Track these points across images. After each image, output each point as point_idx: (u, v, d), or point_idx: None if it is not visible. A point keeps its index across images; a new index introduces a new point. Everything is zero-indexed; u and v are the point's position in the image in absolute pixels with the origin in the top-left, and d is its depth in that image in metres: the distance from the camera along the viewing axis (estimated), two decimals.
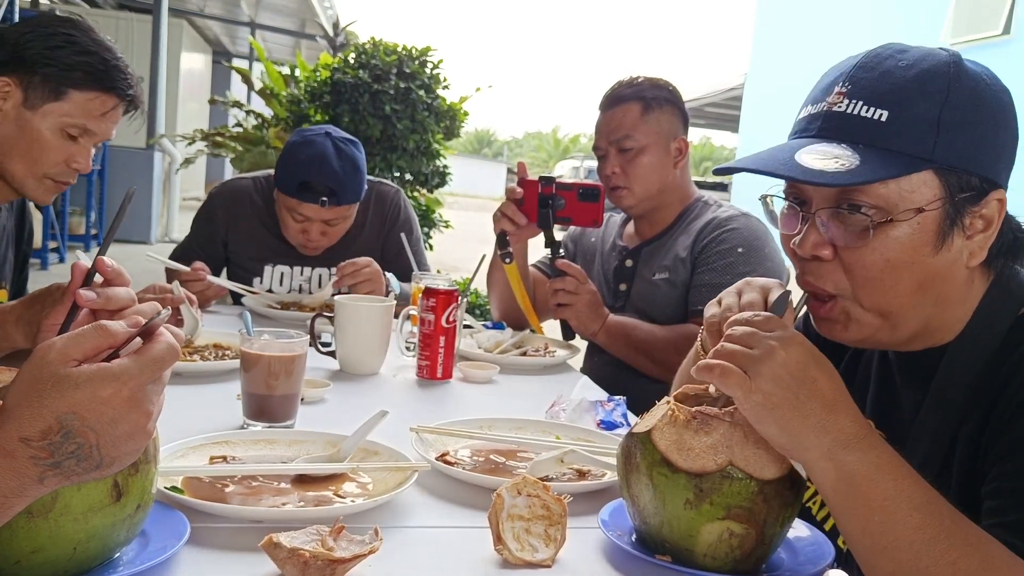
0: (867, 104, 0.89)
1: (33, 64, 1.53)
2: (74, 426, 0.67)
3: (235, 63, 14.21)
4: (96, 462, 0.69)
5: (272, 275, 2.38)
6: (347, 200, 2.22)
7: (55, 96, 1.55)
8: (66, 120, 1.57)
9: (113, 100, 1.61)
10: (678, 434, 0.90)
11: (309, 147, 2.19)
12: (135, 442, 0.71)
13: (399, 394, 1.65)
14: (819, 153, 0.89)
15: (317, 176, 2.16)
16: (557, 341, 2.08)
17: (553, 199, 1.97)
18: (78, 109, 1.57)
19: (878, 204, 0.89)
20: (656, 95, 2.06)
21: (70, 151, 1.59)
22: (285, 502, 1.02)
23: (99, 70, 1.58)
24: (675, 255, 2.04)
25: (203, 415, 1.36)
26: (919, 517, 0.80)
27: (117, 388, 0.68)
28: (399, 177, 5.07)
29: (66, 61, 1.55)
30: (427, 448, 1.23)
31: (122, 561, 0.84)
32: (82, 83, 1.56)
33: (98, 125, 1.61)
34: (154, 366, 0.71)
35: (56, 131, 1.57)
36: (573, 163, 29.75)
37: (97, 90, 1.58)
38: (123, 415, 0.69)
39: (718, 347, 0.89)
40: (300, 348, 1.35)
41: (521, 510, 0.94)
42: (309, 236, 2.26)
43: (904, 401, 1.02)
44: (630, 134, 2.03)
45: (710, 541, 0.88)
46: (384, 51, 5.04)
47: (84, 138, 1.60)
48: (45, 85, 1.54)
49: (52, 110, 1.55)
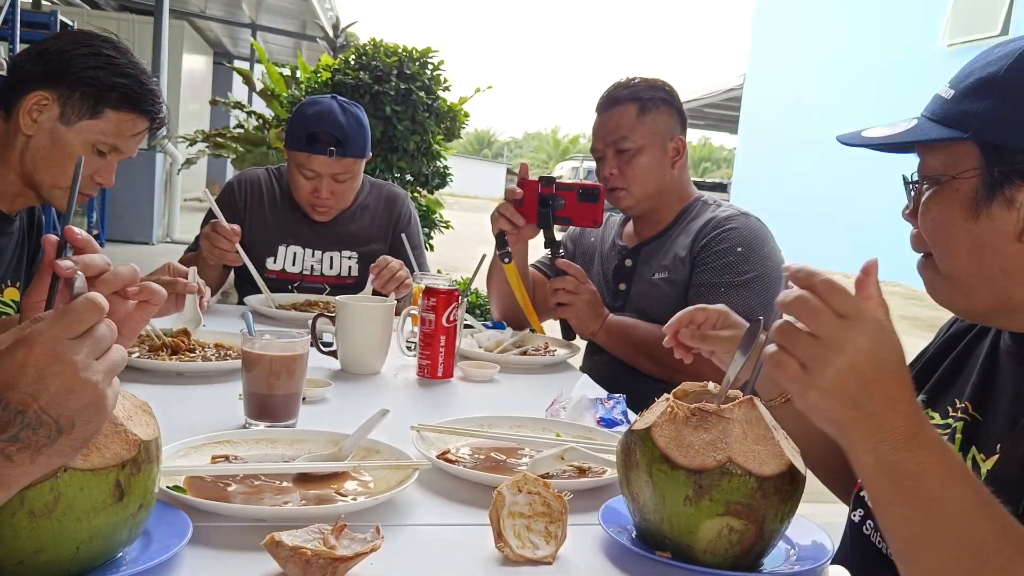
0: (948, 86, 0.98)
1: (73, 81, 1.59)
2: (9, 397, 0.67)
3: (236, 64, 14.21)
4: (54, 427, 0.69)
5: (285, 255, 2.45)
6: (353, 152, 2.33)
7: (91, 114, 1.61)
8: (99, 138, 1.63)
9: (145, 122, 1.68)
10: (677, 431, 0.90)
11: (316, 105, 2.35)
12: (78, 397, 0.70)
13: (400, 393, 1.65)
14: (899, 124, 0.99)
15: (324, 127, 2.29)
16: (557, 340, 2.09)
17: (553, 199, 1.97)
18: (112, 128, 1.64)
19: (927, 172, 0.97)
20: (652, 96, 2.06)
21: (97, 166, 1.66)
22: (287, 501, 1.03)
23: (136, 93, 1.64)
24: (674, 255, 2.05)
25: (205, 415, 1.37)
26: (966, 521, 0.78)
27: (28, 347, 0.68)
28: (400, 178, 5.07)
29: (105, 82, 1.61)
30: (428, 446, 1.23)
31: (125, 560, 0.84)
32: (119, 104, 1.63)
33: (127, 144, 1.68)
34: (66, 319, 0.70)
35: (87, 147, 1.63)
36: (573, 163, 29.73)
37: (132, 112, 1.65)
38: (44, 371, 0.68)
39: (780, 324, 0.81)
40: (301, 348, 1.35)
41: (522, 507, 0.94)
42: (319, 194, 2.35)
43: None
44: (627, 135, 2.04)
45: (710, 537, 0.89)
46: (384, 52, 5.04)
47: (112, 155, 1.67)
48: (83, 103, 1.60)
49: (87, 127, 1.61)
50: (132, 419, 0.81)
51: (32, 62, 1.61)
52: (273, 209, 2.48)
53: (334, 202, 2.39)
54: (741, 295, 1.92)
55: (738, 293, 1.92)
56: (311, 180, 2.35)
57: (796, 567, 0.94)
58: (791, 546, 0.99)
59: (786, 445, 0.92)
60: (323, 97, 2.40)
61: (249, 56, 14.75)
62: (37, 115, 1.58)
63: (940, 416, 1.08)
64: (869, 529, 1.07)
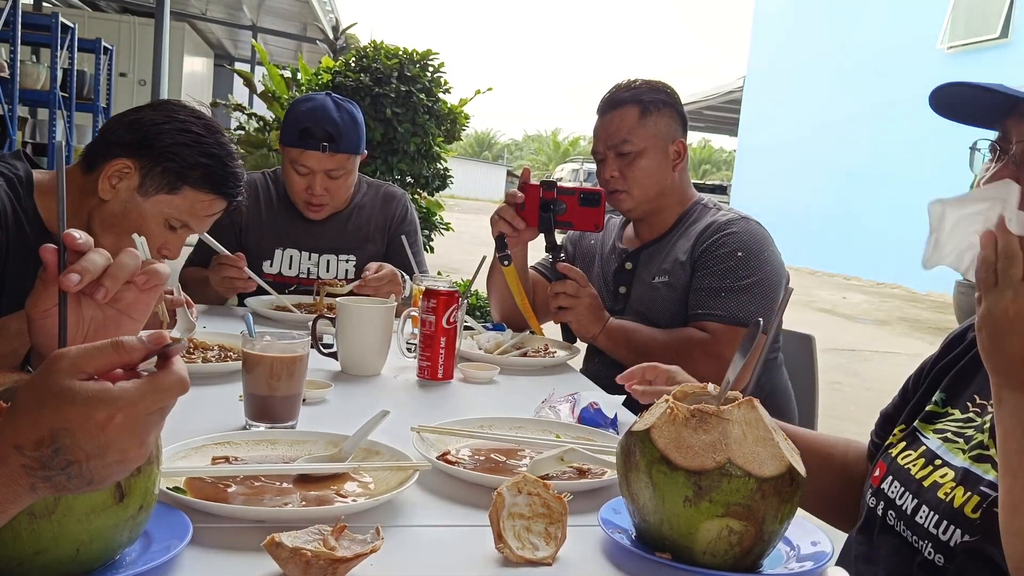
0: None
1: (159, 155, 1.59)
2: (65, 443, 0.65)
3: (237, 66, 14.23)
4: (87, 480, 0.67)
5: (282, 258, 2.45)
6: (346, 148, 2.32)
7: (169, 189, 1.61)
8: (173, 213, 1.63)
9: (222, 203, 1.69)
10: (677, 432, 0.90)
11: (309, 101, 2.37)
12: (125, 467, 0.69)
13: (400, 395, 1.65)
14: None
15: (317, 122, 2.29)
16: (557, 342, 2.09)
17: (554, 203, 1.97)
18: (187, 205, 1.64)
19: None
20: (654, 98, 2.06)
21: (165, 239, 1.66)
22: (287, 502, 1.03)
23: (218, 175, 1.65)
24: (675, 259, 2.04)
25: (205, 416, 1.37)
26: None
27: (111, 413, 0.65)
28: (400, 180, 5.08)
29: (190, 160, 1.61)
30: (428, 448, 1.23)
31: (125, 561, 0.84)
32: (198, 183, 1.63)
33: (199, 223, 1.69)
34: (156, 396, 0.68)
35: (160, 220, 1.63)
36: (573, 166, 29.79)
37: (210, 192, 1.65)
38: (114, 442, 0.66)
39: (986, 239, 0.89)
40: (302, 349, 1.35)
41: (522, 508, 0.94)
42: (313, 191, 2.35)
43: None
44: (628, 138, 2.03)
45: (709, 538, 0.89)
46: (385, 54, 5.04)
47: (182, 231, 1.67)
48: (164, 177, 1.60)
49: (163, 201, 1.62)
50: None
51: (123, 129, 1.61)
52: (269, 212, 2.47)
53: (328, 199, 2.39)
54: (742, 300, 1.92)
55: (739, 298, 1.92)
56: (305, 176, 2.35)
57: (796, 568, 0.94)
58: (791, 547, 0.99)
59: (786, 447, 0.92)
60: (317, 94, 2.40)
61: (250, 58, 14.76)
62: (117, 182, 1.58)
63: (960, 411, 1.11)
64: (892, 519, 1.09)
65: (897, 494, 1.09)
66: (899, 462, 1.12)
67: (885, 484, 1.11)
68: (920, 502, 1.05)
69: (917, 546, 1.03)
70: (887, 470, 1.13)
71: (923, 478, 1.07)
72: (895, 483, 1.10)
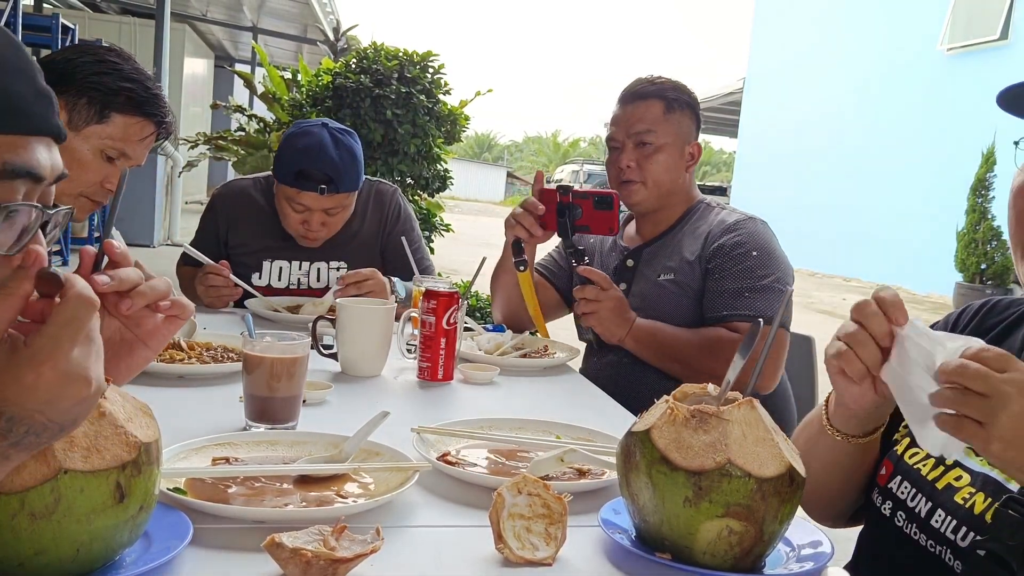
0: None
1: (80, 88, 1.62)
2: (13, 412, 0.64)
3: (237, 68, 14.26)
4: (56, 429, 0.67)
5: (271, 270, 2.40)
6: (345, 188, 2.25)
7: (98, 119, 1.64)
8: (107, 143, 1.66)
9: (151, 127, 1.71)
10: (677, 432, 0.90)
11: (306, 137, 2.23)
12: (85, 405, 0.67)
13: (400, 395, 1.66)
14: None
15: (314, 164, 2.20)
16: (557, 343, 2.09)
17: (571, 208, 1.96)
18: (119, 132, 1.67)
19: None
20: (677, 97, 2.07)
21: (106, 172, 1.68)
22: (287, 503, 1.03)
23: (141, 97, 1.67)
24: (681, 257, 2.04)
25: (206, 417, 1.37)
26: None
27: (36, 370, 0.63)
28: (400, 181, 5.08)
29: (111, 86, 1.64)
30: (428, 448, 1.23)
31: (125, 562, 0.84)
32: (125, 108, 1.66)
33: (134, 149, 1.70)
34: (69, 332, 0.64)
35: (96, 152, 1.65)
36: (573, 167, 29.78)
37: (138, 116, 1.68)
38: (56, 390, 0.64)
39: (946, 391, 0.87)
40: (302, 350, 1.36)
41: (522, 509, 0.94)
42: (310, 226, 2.29)
43: None
44: (652, 129, 2.03)
45: (709, 539, 0.89)
46: (385, 56, 5.05)
47: (120, 161, 1.69)
48: (90, 108, 1.63)
49: (94, 132, 1.64)
50: (132, 421, 0.81)
51: None
52: (259, 222, 2.40)
53: (325, 233, 2.33)
54: (766, 298, 1.92)
55: (763, 296, 1.92)
56: (301, 213, 2.27)
57: (796, 568, 0.94)
58: (791, 548, 0.99)
59: (785, 447, 0.92)
60: (313, 126, 2.27)
61: (250, 59, 14.78)
62: None
63: None
64: (902, 520, 1.07)
65: (908, 495, 1.07)
66: (907, 461, 1.10)
67: (893, 484, 1.10)
68: (935, 505, 1.03)
69: (933, 551, 1.01)
70: (894, 469, 1.11)
71: (935, 479, 1.05)
72: (904, 483, 1.08)
